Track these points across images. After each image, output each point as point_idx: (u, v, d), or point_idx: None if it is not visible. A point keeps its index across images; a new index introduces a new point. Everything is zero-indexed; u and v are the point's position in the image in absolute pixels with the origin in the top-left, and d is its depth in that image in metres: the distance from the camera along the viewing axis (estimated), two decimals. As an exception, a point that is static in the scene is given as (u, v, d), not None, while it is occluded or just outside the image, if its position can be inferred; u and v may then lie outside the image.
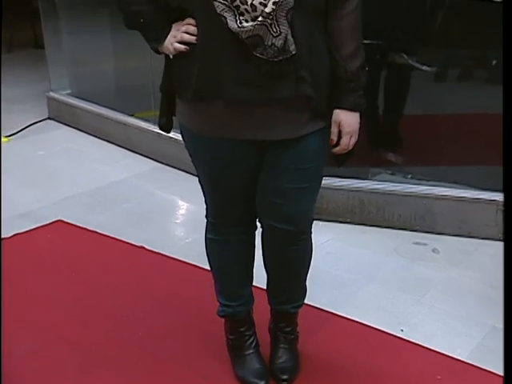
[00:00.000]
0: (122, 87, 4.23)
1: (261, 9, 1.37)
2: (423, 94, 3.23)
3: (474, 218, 2.67)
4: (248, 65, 1.43)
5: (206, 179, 1.70)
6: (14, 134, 4.01)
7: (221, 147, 1.58)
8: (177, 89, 1.58)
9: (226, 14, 1.38)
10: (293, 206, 1.65)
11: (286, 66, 1.44)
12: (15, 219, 2.86)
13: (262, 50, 1.41)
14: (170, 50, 1.52)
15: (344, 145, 1.59)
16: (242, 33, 1.39)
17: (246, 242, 1.82)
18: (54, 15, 4.43)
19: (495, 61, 3.36)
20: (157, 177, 3.46)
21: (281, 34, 1.40)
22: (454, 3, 3.00)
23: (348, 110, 1.55)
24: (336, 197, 2.85)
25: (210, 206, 1.76)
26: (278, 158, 1.60)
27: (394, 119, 3.31)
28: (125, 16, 1.57)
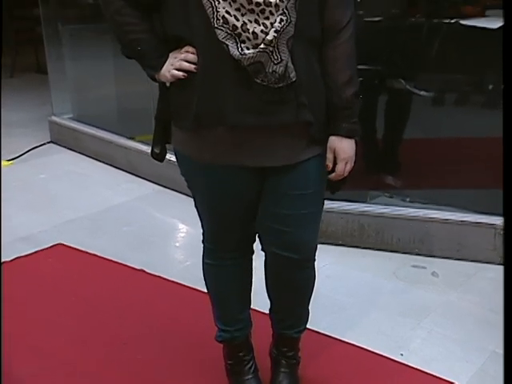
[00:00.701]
0: (123, 111, 4.26)
1: (262, 36, 1.39)
2: (421, 118, 3.25)
3: (473, 241, 2.67)
4: (249, 91, 1.45)
5: (204, 205, 1.69)
6: (16, 158, 4.04)
7: (220, 174, 1.58)
8: (174, 116, 1.58)
9: (227, 42, 1.40)
10: (295, 233, 1.64)
11: (287, 92, 1.46)
12: (16, 243, 2.86)
13: (263, 77, 1.43)
14: (168, 77, 1.52)
15: (339, 171, 1.59)
16: (244, 60, 1.40)
17: (243, 267, 1.81)
18: (57, 41, 4.49)
19: (491, 85, 3.40)
20: (157, 200, 3.47)
21: (282, 61, 1.42)
22: (450, 30, 3.04)
23: (343, 137, 1.56)
24: (335, 220, 2.85)
25: (206, 231, 1.76)
26: (278, 184, 1.60)
27: (393, 143, 3.33)
28: (122, 44, 1.58)
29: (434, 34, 3.08)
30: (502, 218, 2.63)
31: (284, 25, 1.39)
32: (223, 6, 1.38)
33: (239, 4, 1.37)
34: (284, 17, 1.39)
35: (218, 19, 1.39)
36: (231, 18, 1.38)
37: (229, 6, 1.38)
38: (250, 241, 1.76)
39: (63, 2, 4.72)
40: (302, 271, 1.73)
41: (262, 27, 1.39)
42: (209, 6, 1.39)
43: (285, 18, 1.39)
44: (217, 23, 1.39)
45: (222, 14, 1.38)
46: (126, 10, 1.51)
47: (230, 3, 1.37)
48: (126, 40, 1.56)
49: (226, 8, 1.38)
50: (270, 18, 1.39)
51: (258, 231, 1.72)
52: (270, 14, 1.38)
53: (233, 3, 1.37)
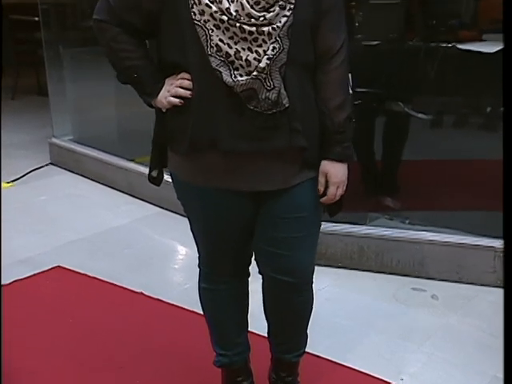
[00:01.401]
0: (123, 133, 4.27)
1: (255, 64, 1.40)
2: (420, 140, 3.27)
3: (473, 264, 2.66)
4: (243, 117, 1.46)
5: (200, 229, 1.69)
6: (17, 180, 4.04)
7: (215, 197, 1.59)
8: (170, 141, 1.59)
9: (221, 69, 1.41)
10: (291, 257, 1.64)
11: (280, 118, 1.47)
12: (15, 265, 2.85)
13: (256, 103, 1.44)
14: (164, 104, 1.53)
15: (331, 195, 1.59)
16: (237, 86, 1.42)
17: (239, 290, 1.81)
18: (58, 64, 4.52)
19: (489, 108, 3.42)
20: (157, 222, 3.47)
21: (274, 88, 1.43)
22: (447, 54, 3.06)
23: (335, 161, 1.57)
24: (334, 242, 2.85)
25: (202, 255, 1.76)
26: (272, 207, 1.61)
27: (392, 165, 3.35)
28: (118, 71, 1.58)
29: (431, 58, 3.11)
30: (501, 240, 2.63)
31: (277, 52, 1.41)
32: (217, 35, 1.39)
33: (232, 32, 1.39)
34: (277, 44, 1.40)
35: (212, 47, 1.40)
36: (224, 46, 1.40)
37: (222, 34, 1.39)
38: (245, 264, 1.76)
39: (65, 25, 4.78)
40: (299, 294, 1.73)
41: (254, 55, 1.40)
42: (203, 34, 1.40)
43: (277, 46, 1.40)
44: (210, 51, 1.41)
45: (216, 42, 1.40)
46: (122, 37, 1.51)
47: (224, 32, 1.39)
48: (122, 67, 1.56)
49: (219, 36, 1.39)
50: (262, 45, 1.40)
51: (255, 254, 1.72)
52: (263, 41, 1.40)
53: (226, 32, 1.39)
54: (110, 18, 1.50)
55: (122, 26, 1.50)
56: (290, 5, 1.40)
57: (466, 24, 3.17)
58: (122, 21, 1.50)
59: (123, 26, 1.50)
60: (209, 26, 1.39)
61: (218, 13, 1.37)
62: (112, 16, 1.50)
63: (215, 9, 1.37)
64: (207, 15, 1.38)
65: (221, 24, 1.38)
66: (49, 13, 4.54)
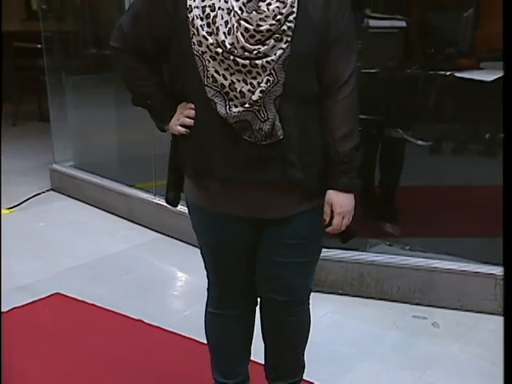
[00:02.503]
0: (123, 159, 4.29)
1: (249, 95, 1.41)
2: (420, 167, 3.28)
3: (473, 291, 2.65)
4: (237, 147, 1.47)
5: (208, 251, 1.72)
6: (17, 206, 4.04)
7: (220, 222, 1.61)
8: (181, 164, 1.63)
9: (216, 99, 1.44)
10: (288, 278, 1.66)
11: (274, 149, 1.47)
12: (14, 292, 2.83)
13: (250, 134, 1.45)
14: (175, 131, 1.58)
15: (336, 225, 1.57)
16: (230, 118, 1.43)
17: (246, 317, 1.81)
18: (60, 90, 4.56)
19: (488, 135, 3.44)
20: (157, 248, 3.46)
21: (268, 120, 1.43)
22: (446, 82, 3.09)
23: (340, 191, 1.55)
24: (335, 269, 2.84)
25: (211, 279, 1.77)
26: (274, 234, 1.62)
27: (391, 191, 3.35)
28: (133, 96, 1.64)
29: (430, 86, 3.14)
30: (502, 268, 2.62)
31: (270, 85, 1.41)
32: (213, 66, 1.41)
33: (227, 64, 1.40)
34: (271, 77, 1.40)
35: (208, 77, 1.43)
36: (220, 77, 1.41)
37: (218, 65, 1.41)
38: (253, 291, 1.75)
39: (67, 53, 4.83)
40: (294, 315, 1.73)
41: (249, 86, 1.41)
42: (200, 64, 1.43)
43: (271, 79, 1.40)
44: (207, 81, 1.43)
45: (212, 72, 1.42)
46: (138, 65, 1.57)
47: (219, 63, 1.41)
48: (136, 92, 1.62)
49: (215, 67, 1.41)
50: (257, 77, 1.41)
51: (256, 277, 1.72)
52: (257, 74, 1.41)
53: (221, 63, 1.40)
54: (124, 45, 1.55)
55: (136, 52, 1.55)
56: (286, 37, 1.39)
57: (463, 52, 3.21)
58: (135, 48, 1.54)
59: (137, 53, 1.55)
60: (206, 57, 1.41)
61: (214, 45, 1.39)
62: (126, 43, 1.55)
63: (211, 41, 1.39)
64: (204, 46, 1.41)
65: (216, 56, 1.40)
66: (51, 40, 4.60)
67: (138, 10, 1.52)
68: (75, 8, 4.78)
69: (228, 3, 1.38)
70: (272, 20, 1.37)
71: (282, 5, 1.37)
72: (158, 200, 3.62)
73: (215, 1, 1.39)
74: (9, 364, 2.21)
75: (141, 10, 1.52)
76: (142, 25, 1.51)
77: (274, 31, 1.37)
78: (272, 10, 1.36)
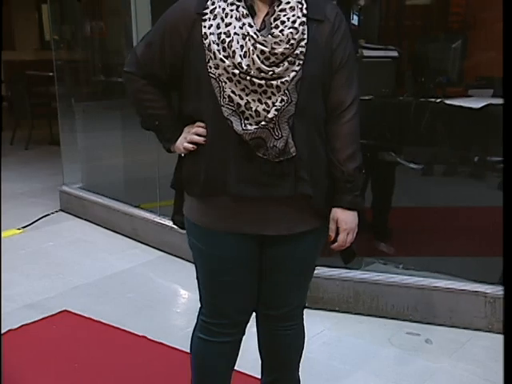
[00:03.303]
0: (129, 180, 4.30)
1: (264, 114, 1.43)
2: (412, 188, 3.28)
3: (464, 308, 2.63)
4: (251, 164, 1.48)
5: (206, 272, 1.67)
6: (27, 226, 4.04)
7: (223, 240, 1.58)
8: (185, 184, 1.61)
9: (232, 118, 1.45)
10: (283, 295, 1.66)
11: (287, 166, 1.48)
12: (23, 310, 2.82)
13: (264, 151, 1.46)
14: (181, 149, 1.57)
15: (341, 241, 1.58)
16: (246, 135, 1.44)
17: (232, 346, 1.75)
18: (71, 115, 4.59)
19: (477, 158, 3.44)
20: (160, 266, 3.44)
21: (282, 137, 1.45)
22: (436, 108, 3.11)
23: (345, 209, 1.57)
24: (331, 287, 2.82)
25: (205, 304, 1.71)
26: (276, 252, 1.61)
27: (384, 211, 3.35)
28: (142, 118, 1.64)
29: (421, 112, 3.15)
30: (491, 286, 2.60)
31: (284, 104, 1.43)
32: (229, 87, 1.43)
33: (243, 85, 1.42)
34: (285, 97, 1.43)
35: (224, 98, 1.44)
36: (236, 97, 1.43)
37: (234, 86, 1.43)
38: (245, 319, 1.71)
39: (77, 80, 4.87)
40: (289, 329, 1.72)
41: (264, 106, 1.43)
42: (217, 85, 1.44)
43: (285, 98, 1.43)
44: (223, 101, 1.44)
45: (228, 93, 1.43)
46: (147, 88, 1.58)
47: (236, 84, 1.43)
48: (145, 115, 1.62)
49: (231, 88, 1.43)
50: (271, 97, 1.43)
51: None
52: (272, 94, 1.43)
53: (238, 84, 1.42)
54: (137, 70, 1.57)
55: (148, 77, 1.56)
56: (299, 60, 1.43)
57: (452, 81, 3.23)
58: (147, 73, 1.56)
59: (149, 78, 1.56)
60: (222, 79, 1.43)
61: (231, 67, 1.42)
62: (139, 68, 1.57)
63: (228, 63, 1.42)
64: (221, 69, 1.43)
65: (233, 77, 1.42)
66: (63, 69, 4.64)
67: (153, 37, 1.55)
68: (85, 38, 4.82)
69: (243, 29, 1.42)
70: (286, 44, 1.41)
71: (294, 31, 1.43)
72: (161, 220, 3.61)
73: (230, 28, 1.43)
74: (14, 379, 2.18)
75: (155, 38, 1.54)
76: (156, 51, 1.53)
77: (287, 54, 1.42)
78: (286, 35, 1.42)
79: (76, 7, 4.80)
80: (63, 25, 4.93)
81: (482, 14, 3.35)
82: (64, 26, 4.93)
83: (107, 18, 4.76)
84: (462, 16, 3.43)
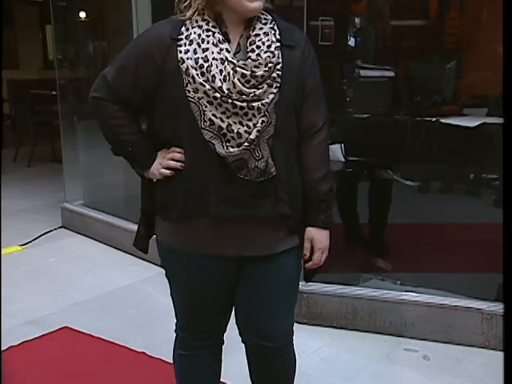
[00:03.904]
0: (129, 197, 4.29)
1: (246, 136, 1.43)
2: (410, 205, 3.29)
3: (461, 325, 2.61)
4: (232, 185, 1.47)
5: (183, 293, 1.65)
6: (29, 243, 4.03)
7: (201, 263, 1.57)
8: (160, 209, 1.58)
9: (213, 141, 1.44)
10: (270, 322, 1.62)
11: (267, 186, 1.49)
12: (24, 326, 2.80)
13: (246, 172, 1.46)
14: (156, 175, 1.55)
15: (316, 260, 1.60)
16: (229, 157, 1.44)
17: (214, 357, 1.75)
18: (73, 133, 4.60)
19: (472, 175, 3.45)
20: (160, 282, 3.34)
21: (263, 158, 1.46)
22: (432, 127, 3.12)
23: (319, 228, 1.58)
24: (330, 303, 2.81)
25: (182, 321, 1.70)
26: (255, 273, 1.59)
27: (380, 228, 3.35)
28: (114, 145, 1.59)
29: (417, 131, 3.16)
30: (488, 303, 2.59)
31: (265, 125, 1.45)
32: (210, 110, 1.43)
33: (225, 108, 1.43)
34: (265, 118, 1.44)
35: (205, 121, 1.44)
36: (217, 120, 1.43)
37: (215, 109, 1.43)
38: (222, 330, 1.72)
39: (80, 99, 4.89)
40: (280, 358, 1.69)
41: (245, 128, 1.44)
42: (196, 109, 1.44)
43: (266, 120, 1.44)
44: (204, 125, 1.44)
45: (209, 116, 1.43)
46: (119, 113, 1.54)
47: (216, 107, 1.43)
48: (118, 141, 1.57)
49: (212, 111, 1.43)
50: (252, 119, 1.44)
51: (237, 320, 1.69)
52: (253, 116, 1.44)
53: (219, 107, 1.43)
54: (107, 95, 1.52)
55: (119, 103, 1.52)
56: (276, 83, 1.45)
57: (448, 100, 3.25)
58: (118, 98, 1.52)
59: (120, 103, 1.52)
60: (202, 102, 1.43)
61: (212, 91, 1.42)
62: (110, 94, 1.52)
63: (208, 87, 1.42)
64: (201, 93, 1.42)
65: (214, 100, 1.42)
66: (65, 87, 4.66)
67: (125, 62, 1.52)
68: (88, 58, 4.85)
69: (221, 54, 1.44)
70: (265, 67, 1.44)
71: (271, 54, 1.45)
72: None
73: (208, 53, 1.44)
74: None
75: (128, 62, 1.51)
76: (128, 76, 1.50)
77: (266, 77, 1.44)
78: (264, 59, 1.44)
79: (79, 28, 4.84)
80: (67, 44, 4.97)
81: (475, 35, 3.38)
82: (67, 45, 4.97)
83: (110, 38, 4.79)
84: (457, 37, 3.47)
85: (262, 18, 1.50)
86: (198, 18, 1.48)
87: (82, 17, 4.85)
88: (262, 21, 1.50)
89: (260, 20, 1.49)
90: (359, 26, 3.44)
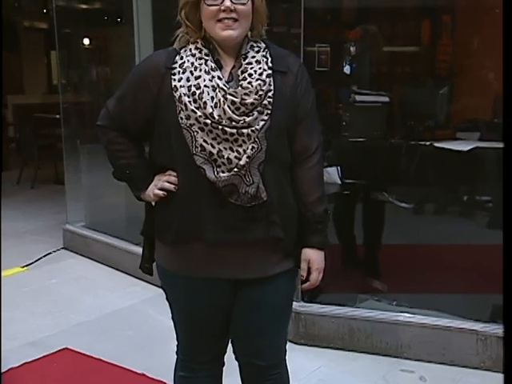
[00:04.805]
0: (130, 218, 4.28)
1: (236, 162, 1.44)
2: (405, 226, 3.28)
3: (457, 346, 2.59)
4: (224, 210, 1.48)
5: (182, 316, 1.66)
6: (30, 264, 4.01)
7: (197, 286, 1.57)
8: (157, 232, 1.60)
9: (204, 166, 1.45)
10: (263, 341, 1.62)
11: (259, 210, 1.49)
12: (25, 348, 2.77)
13: (236, 197, 1.46)
14: (151, 196, 1.57)
15: (314, 281, 1.60)
16: (219, 182, 1.45)
17: (215, 379, 1.74)
18: (75, 156, 4.61)
19: (465, 197, 3.46)
20: (160, 303, 3.32)
21: (253, 183, 1.46)
22: (426, 151, 3.14)
23: (316, 249, 1.59)
24: (327, 324, 2.79)
25: (182, 343, 1.70)
26: (250, 295, 1.59)
27: (376, 249, 3.34)
28: (114, 168, 1.63)
29: (411, 154, 3.18)
30: (483, 324, 2.57)
31: (255, 151, 1.45)
32: (201, 136, 1.44)
33: (215, 134, 1.44)
34: (255, 145, 1.45)
35: (197, 147, 1.45)
36: (208, 146, 1.44)
37: (206, 135, 1.44)
38: (222, 351, 1.71)
39: (82, 123, 4.91)
40: (272, 377, 1.67)
41: (235, 154, 1.44)
42: (188, 135, 1.45)
43: (256, 146, 1.45)
44: (195, 150, 1.45)
45: (200, 142, 1.44)
46: (119, 139, 1.59)
47: (207, 133, 1.44)
48: (117, 165, 1.62)
49: (203, 137, 1.44)
50: (242, 145, 1.44)
51: (231, 340, 1.68)
52: (243, 142, 1.44)
53: (210, 133, 1.44)
54: (109, 123, 1.59)
55: (119, 129, 1.58)
56: (267, 110, 1.46)
57: (441, 124, 3.27)
58: (118, 126, 1.58)
59: (120, 130, 1.58)
60: (194, 129, 1.44)
61: (203, 117, 1.43)
62: (111, 122, 1.59)
63: (200, 114, 1.43)
64: (193, 119, 1.44)
65: (205, 127, 1.43)
66: (69, 111, 4.68)
67: (124, 92, 1.57)
68: (91, 83, 4.89)
69: (212, 81, 1.45)
70: (255, 95, 1.44)
71: (262, 82, 1.46)
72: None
73: (200, 80, 1.45)
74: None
75: (126, 92, 1.56)
76: (127, 105, 1.55)
77: (256, 104, 1.44)
78: (255, 87, 1.44)
79: (83, 54, 4.88)
80: (70, 70, 5.00)
81: (467, 61, 3.42)
82: (71, 71, 5.00)
83: (112, 64, 4.84)
84: (449, 63, 3.50)
85: (255, 46, 1.52)
86: (191, 46, 1.51)
87: (85, 43, 4.89)
88: (255, 49, 1.51)
89: (253, 48, 1.51)
90: (354, 52, 3.47)
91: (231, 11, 1.43)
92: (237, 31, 1.46)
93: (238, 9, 1.44)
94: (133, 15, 3.58)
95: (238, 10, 1.44)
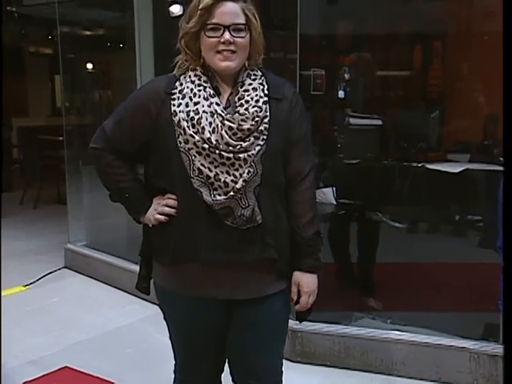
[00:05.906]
0: (130, 238, 4.27)
1: (232, 185, 1.45)
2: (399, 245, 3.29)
3: (449, 364, 2.57)
4: (220, 232, 1.48)
5: (178, 335, 1.65)
6: (32, 283, 3.98)
7: (193, 305, 1.57)
8: (154, 252, 1.60)
9: (201, 189, 1.46)
10: (259, 361, 1.61)
11: (254, 232, 1.49)
12: (25, 366, 2.75)
13: (232, 220, 1.47)
14: (152, 220, 1.56)
15: (303, 303, 1.59)
16: (216, 205, 1.45)
17: None
18: (78, 177, 4.61)
19: (457, 217, 3.47)
20: (159, 321, 3.32)
21: (249, 206, 1.47)
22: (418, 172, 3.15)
23: (306, 272, 1.58)
24: (323, 342, 2.77)
25: (179, 362, 1.70)
26: (245, 315, 1.58)
27: (370, 267, 3.34)
28: (111, 192, 1.62)
29: (404, 175, 3.20)
30: (475, 342, 2.56)
31: (251, 175, 1.46)
32: (199, 160, 1.45)
33: (212, 158, 1.45)
34: (251, 169, 1.46)
35: (194, 170, 1.46)
36: (205, 169, 1.45)
37: (203, 159, 1.45)
38: (219, 371, 1.71)
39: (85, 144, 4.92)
40: None
41: (232, 177, 1.45)
42: (186, 159, 1.46)
43: (252, 170, 1.46)
44: (193, 174, 1.46)
45: (198, 166, 1.45)
46: (116, 162, 1.57)
47: (205, 157, 1.45)
48: (115, 188, 1.60)
49: (201, 161, 1.45)
50: (239, 169, 1.45)
51: (228, 360, 1.67)
52: (240, 166, 1.45)
53: (207, 157, 1.45)
54: (106, 146, 1.56)
55: (117, 153, 1.56)
56: (263, 135, 1.47)
57: (432, 146, 3.29)
58: (116, 149, 1.56)
59: (117, 153, 1.56)
60: (192, 153, 1.45)
61: (200, 142, 1.44)
62: (108, 144, 1.56)
63: (198, 138, 1.44)
64: (191, 144, 1.45)
65: (202, 151, 1.44)
66: (72, 133, 4.70)
67: (122, 115, 1.56)
68: (94, 105, 4.92)
69: (211, 107, 1.46)
70: (251, 121, 1.46)
71: (259, 109, 1.48)
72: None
73: (199, 106, 1.47)
74: None
75: (125, 115, 1.55)
76: (126, 128, 1.54)
77: (252, 130, 1.46)
78: (251, 113, 1.46)
79: (86, 78, 4.92)
80: (74, 93, 5.04)
81: (457, 85, 3.46)
82: (75, 94, 5.04)
83: (114, 88, 4.87)
84: (440, 87, 3.54)
85: (252, 74, 1.54)
86: (191, 73, 1.52)
87: (88, 68, 4.94)
88: (252, 77, 1.53)
89: (250, 76, 1.53)
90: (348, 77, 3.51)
91: (230, 43, 1.46)
92: (235, 62, 1.48)
93: (236, 41, 1.46)
94: (135, 41, 3.62)
95: (237, 42, 1.46)
